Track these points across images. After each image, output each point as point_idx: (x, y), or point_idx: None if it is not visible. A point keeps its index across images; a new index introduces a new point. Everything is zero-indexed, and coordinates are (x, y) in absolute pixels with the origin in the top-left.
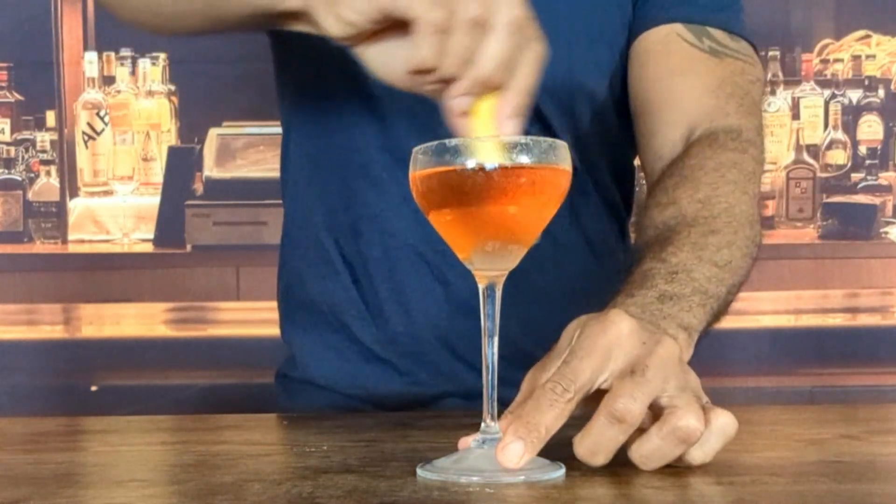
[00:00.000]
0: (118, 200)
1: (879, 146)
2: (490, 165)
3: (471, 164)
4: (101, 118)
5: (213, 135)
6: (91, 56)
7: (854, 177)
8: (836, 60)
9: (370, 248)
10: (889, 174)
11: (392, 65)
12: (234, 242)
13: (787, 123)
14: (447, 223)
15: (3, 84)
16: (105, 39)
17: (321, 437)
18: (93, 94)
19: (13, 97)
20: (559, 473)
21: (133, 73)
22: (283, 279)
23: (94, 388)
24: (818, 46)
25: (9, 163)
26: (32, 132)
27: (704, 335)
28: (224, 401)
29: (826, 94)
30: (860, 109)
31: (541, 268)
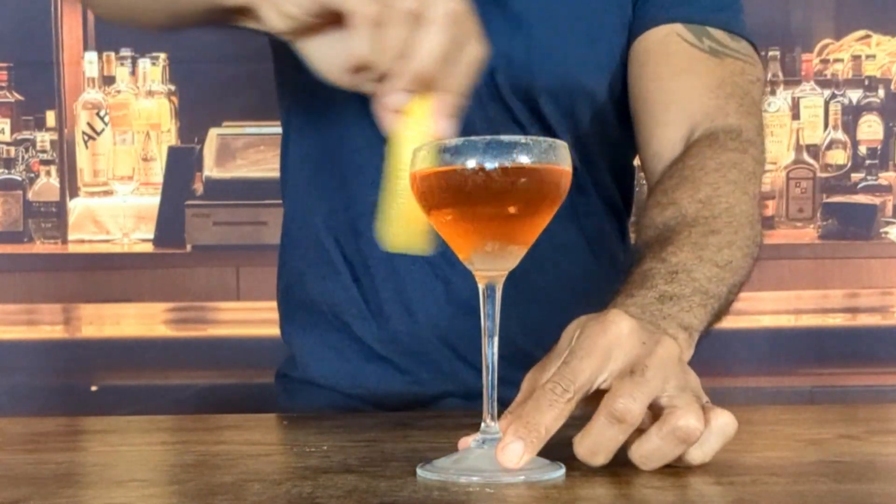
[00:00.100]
0: (118, 200)
1: (879, 146)
2: (490, 165)
3: (471, 164)
4: (101, 118)
5: (213, 135)
6: (91, 56)
7: (854, 177)
8: (836, 60)
9: (370, 248)
10: (889, 174)
11: (332, 60)
12: (234, 242)
13: (787, 123)
14: (447, 223)
15: (3, 84)
16: (105, 39)
17: (321, 437)
18: (93, 94)
19: (13, 97)
20: (559, 473)
21: (133, 73)
22: (283, 279)
23: (94, 388)
24: (818, 46)
25: (9, 163)
26: (32, 132)
27: (705, 335)
28: (224, 401)
29: (826, 94)
30: (860, 109)
31: (541, 268)
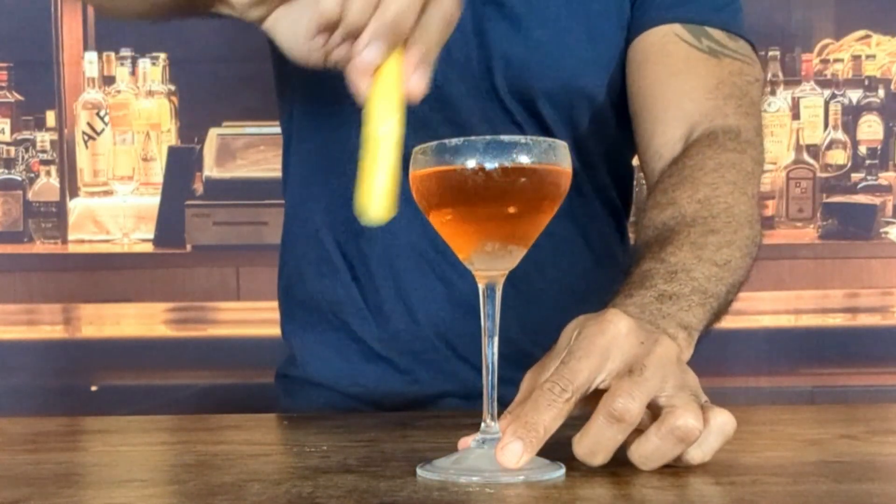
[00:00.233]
0: (118, 200)
1: (879, 146)
2: (490, 165)
3: (471, 164)
4: (101, 118)
5: (213, 135)
6: (91, 56)
7: (854, 177)
8: (836, 60)
9: (370, 247)
10: (889, 174)
11: (299, 33)
12: (234, 242)
13: (787, 123)
14: (447, 223)
15: (3, 84)
16: (105, 39)
17: (321, 437)
18: (93, 94)
19: (13, 97)
20: (559, 473)
21: (133, 73)
22: (284, 277)
23: (94, 388)
24: (818, 46)
25: (9, 163)
26: (32, 132)
27: (705, 335)
28: (224, 401)
29: (826, 94)
30: (860, 109)
31: (540, 269)
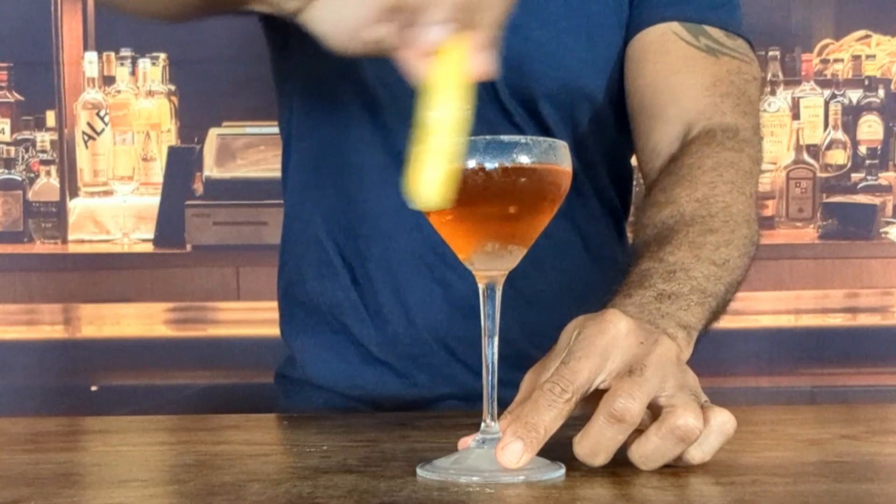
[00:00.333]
0: (118, 200)
1: (879, 146)
2: (490, 165)
3: (471, 164)
4: (101, 118)
5: (213, 135)
6: (91, 56)
7: (854, 177)
8: (836, 60)
9: (369, 250)
10: (889, 174)
11: (344, 22)
12: (234, 242)
13: (787, 123)
14: (447, 223)
15: (3, 84)
16: (105, 39)
17: (321, 437)
18: (93, 94)
19: (13, 97)
20: (559, 473)
21: (133, 73)
22: (283, 279)
23: (94, 388)
24: (818, 46)
25: (9, 163)
26: (32, 132)
27: (704, 334)
28: (224, 401)
29: (826, 94)
30: (860, 109)
31: (539, 269)
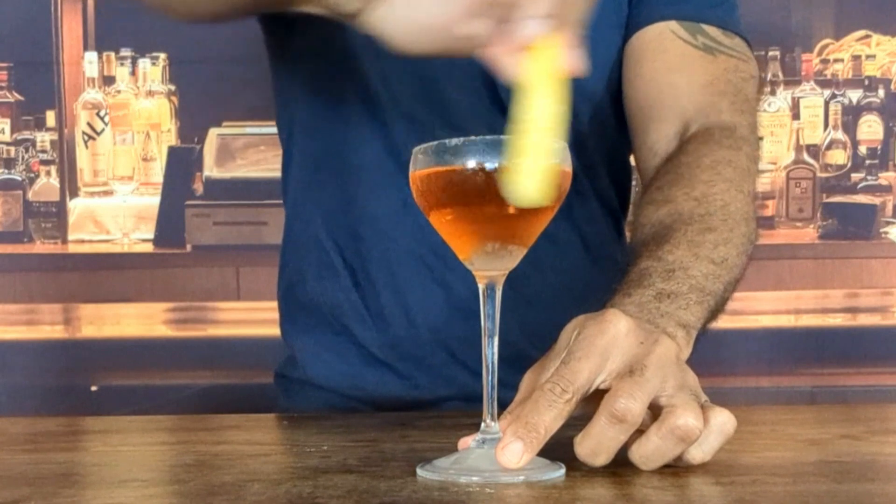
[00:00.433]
0: (118, 200)
1: (879, 146)
2: (490, 165)
3: (471, 164)
4: (101, 118)
5: (213, 135)
6: (91, 56)
7: (854, 177)
8: (836, 60)
9: (370, 252)
10: (889, 174)
11: (416, 23)
12: (234, 242)
13: (787, 123)
14: (447, 223)
15: (3, 84)
16: (105, 39)
17: (321, 437)
18: (93, 94)
19: (13, 97)
20: (559, 473)
21: (133, 73)
22: (284, 280)
23: (94, 388)
24: (818, 46)
25: (9, 163)
26: (32, 132)
27: (703, 333)
28: (224, 401)
29: (826, 94)
30: (860, 109)
31: (539, 270)
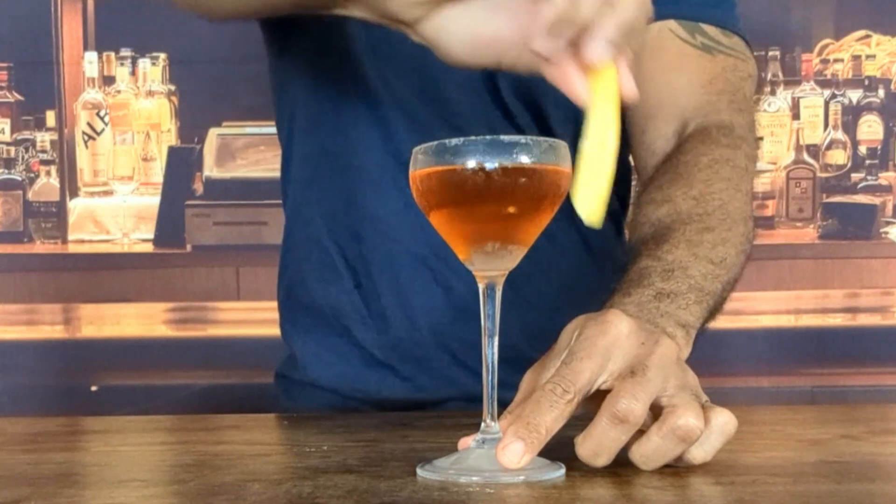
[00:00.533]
0: (118, 200)
1: (879, 146)
2: (490, 165)
3: (471, 164)
4: (101, 118)
5: (213, 135)
6: (91, 56)
7: (854, 177)
8: (836, 60)
9: (372, 253)
10: (889, 174)
11: (476, 37)
12: (234, 242)
13: (787, 123)
14: (447, 223)
15: (3, 84)
16: (105, 39)
17: (321, 437)
18: (93, 94)
19: (13, 97)
20: (559, 473)
21: (133, 73)
22: (285, 281)
23: (94, 388)
24: (818, 46)
25: (9, 163)
26: (32, 132)
27: (701, 332)
28: (224, 401)
29: (826, 94)
30: (860, 109)
31: (539, 270)
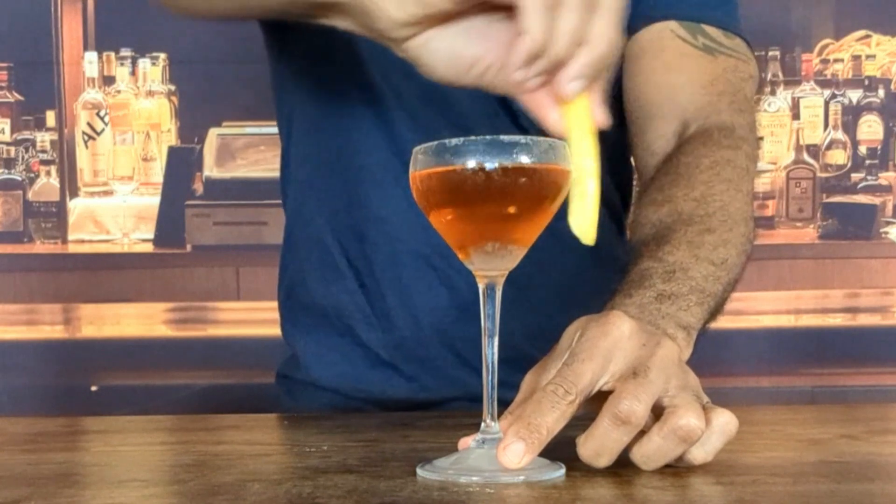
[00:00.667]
0: (118, 200)
1: (879, 146)
2: (490, 165)
3: (471, 164)
4: (101, 118)
5: (213, 135)
6: (91, 56)
7: (854, 177)
8: (836, 60)
9: (375, 252)
10: (889, 174)
11: (459, 58)
12: (234, 242)
13: (787, 123)
14: (447, 223)
15: (3, 84)
16: (105, 39)
17: (321, 437)
18: (93, 94)
19: (13, 97)
20: (559, 473)
21: (133, 73)
22: (286, 281)
23: (94, 388)
24: (818, 46)
25: (9, 163)
26: (32, 132)
27: (702, 333)
28: (224, 401)
29: (826, 94)
30: (860, 109)
31: (542, 270)
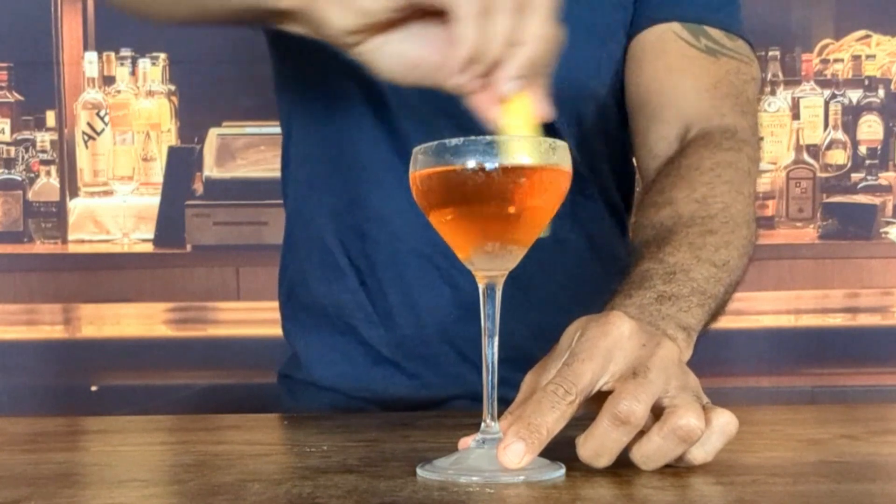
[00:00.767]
0: (118, 200)
1: (879, 146)
2: (490, 165)
3: (471, 164)
4: (101, 118)
5: (213, 135)
6: (91, 56)
7: (854, 177)
8: (836, 60)
9: (377, 251)
10: (889, 174)
11: (402, 60)
12: (234, 242)
13: (787, 123)
14: (447, 223)
15: (3, 84)
16: (105, 39)
17: (321, 437)
18: (93, 94)
19: (13, 97)
20: (559, 473)
21: (133, 73)
22: (286, 281)
23: (94, 388)
24: (818, 46)
25: (9, 163)
26: (32, 132)
27: (703, 334)
28: (224, 401)
29: (826, 94)
30: (860, 109)
31: (543, 270)
